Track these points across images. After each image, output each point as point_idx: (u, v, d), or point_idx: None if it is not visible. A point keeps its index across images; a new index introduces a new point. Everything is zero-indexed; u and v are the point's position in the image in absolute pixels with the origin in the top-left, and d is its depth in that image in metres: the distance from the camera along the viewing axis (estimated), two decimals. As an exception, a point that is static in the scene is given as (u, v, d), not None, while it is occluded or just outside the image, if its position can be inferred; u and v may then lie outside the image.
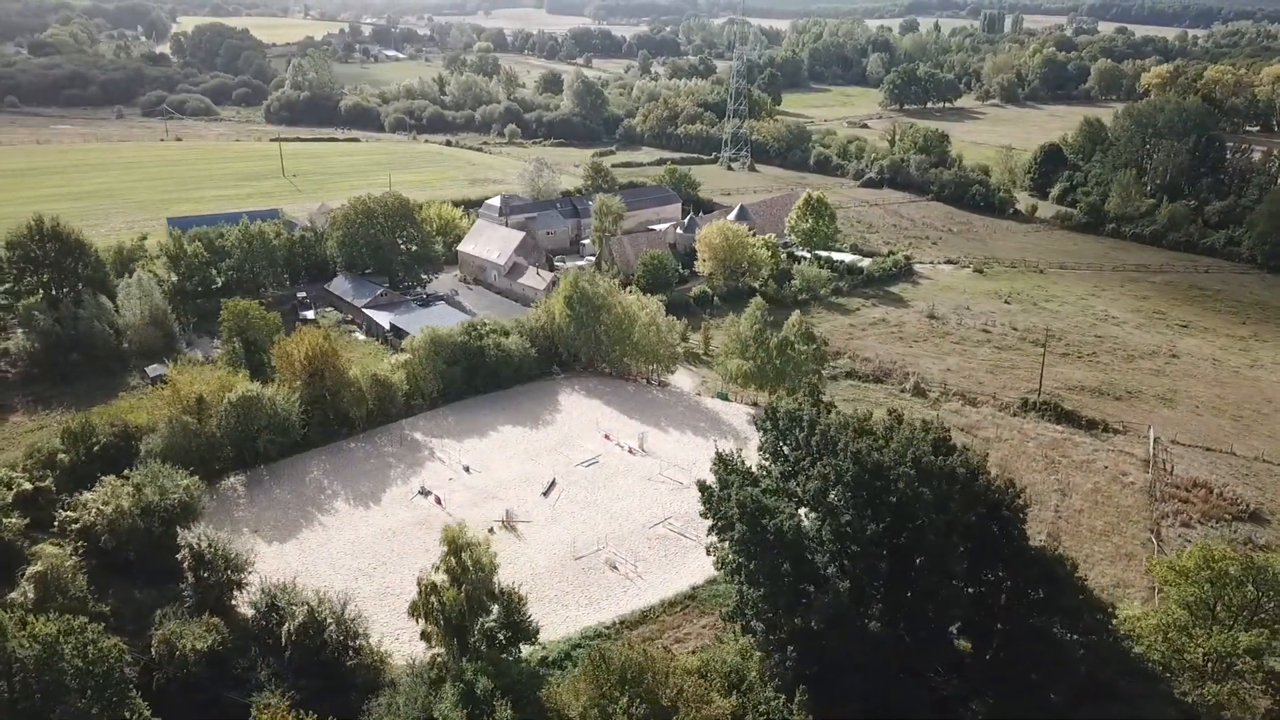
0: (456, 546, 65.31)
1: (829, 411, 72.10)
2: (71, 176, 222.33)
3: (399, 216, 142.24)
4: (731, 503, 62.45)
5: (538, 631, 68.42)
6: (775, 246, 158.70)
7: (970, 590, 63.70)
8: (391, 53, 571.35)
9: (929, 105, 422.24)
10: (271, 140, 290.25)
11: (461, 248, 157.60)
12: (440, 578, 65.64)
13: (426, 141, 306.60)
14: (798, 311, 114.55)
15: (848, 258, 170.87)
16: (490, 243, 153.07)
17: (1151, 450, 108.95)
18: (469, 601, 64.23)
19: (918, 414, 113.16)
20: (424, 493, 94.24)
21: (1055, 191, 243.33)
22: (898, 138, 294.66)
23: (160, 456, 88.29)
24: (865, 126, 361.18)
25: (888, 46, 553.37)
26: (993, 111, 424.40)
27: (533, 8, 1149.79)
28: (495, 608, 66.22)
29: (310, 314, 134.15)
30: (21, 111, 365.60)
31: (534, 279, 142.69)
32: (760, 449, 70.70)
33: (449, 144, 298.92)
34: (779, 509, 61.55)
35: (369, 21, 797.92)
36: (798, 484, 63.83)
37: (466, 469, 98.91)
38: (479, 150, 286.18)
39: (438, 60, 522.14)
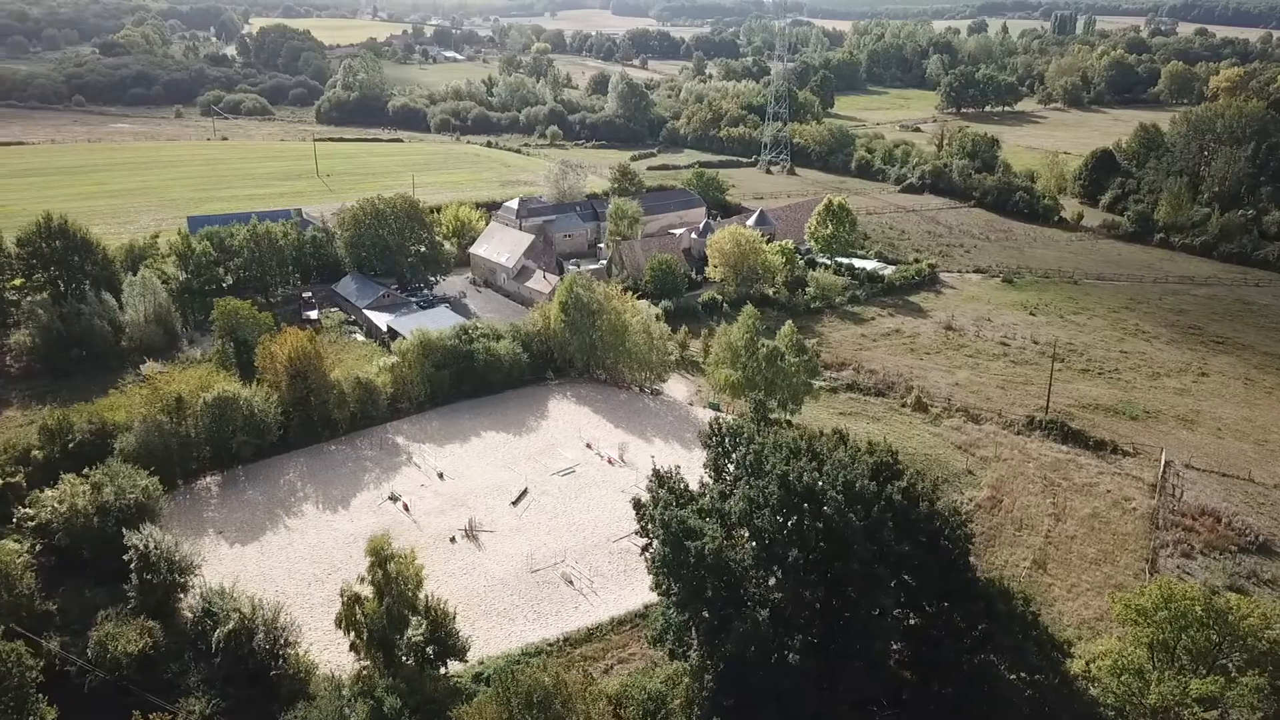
0: (381, 558, 64.13)
1: (778, 428, 69.26)
2: (115, 174, 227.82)
3: (407, 218, 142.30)
4: (657, 523, 60.19)
5: (466, 648, 66.94)
6: (791, 253, 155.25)
7: (911, 622, 60.62)
8: (451, 54, 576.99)
9: (987, 109, 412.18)
10: (315, 140, 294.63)
11: (474, 250, 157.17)
12: (365, 589, 64.59)
13: (468, 143, 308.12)
14: (790, 322, 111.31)
15: (870, 265, 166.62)
16: (501, 245, 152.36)
17: (1161, 474, 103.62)
18: (389, 615, 63.02)
19: (917, 430, 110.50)
20: (393, 498, 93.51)
21: (1106, 199, 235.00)
22: (945, 142, 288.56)
23: (133, 455, 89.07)
24: (918, 130, 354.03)
25: (949, 48, 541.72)
26: (1054, 115, 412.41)
27: (598, 9, 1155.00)
28: (420, 622, 64.83)
29: (314, 314, 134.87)
30: (87, 110, 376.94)
31: (540, 282, 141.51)
32: (705, 465, 68.34)
33: (489, 145, 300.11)
34: (703, 530, 59.05)
35: (434, 23, 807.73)
36: (731, 505, 61.31)
37: (440, 475, 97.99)
38: (517, 152, 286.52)
39: (495, 61, 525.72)
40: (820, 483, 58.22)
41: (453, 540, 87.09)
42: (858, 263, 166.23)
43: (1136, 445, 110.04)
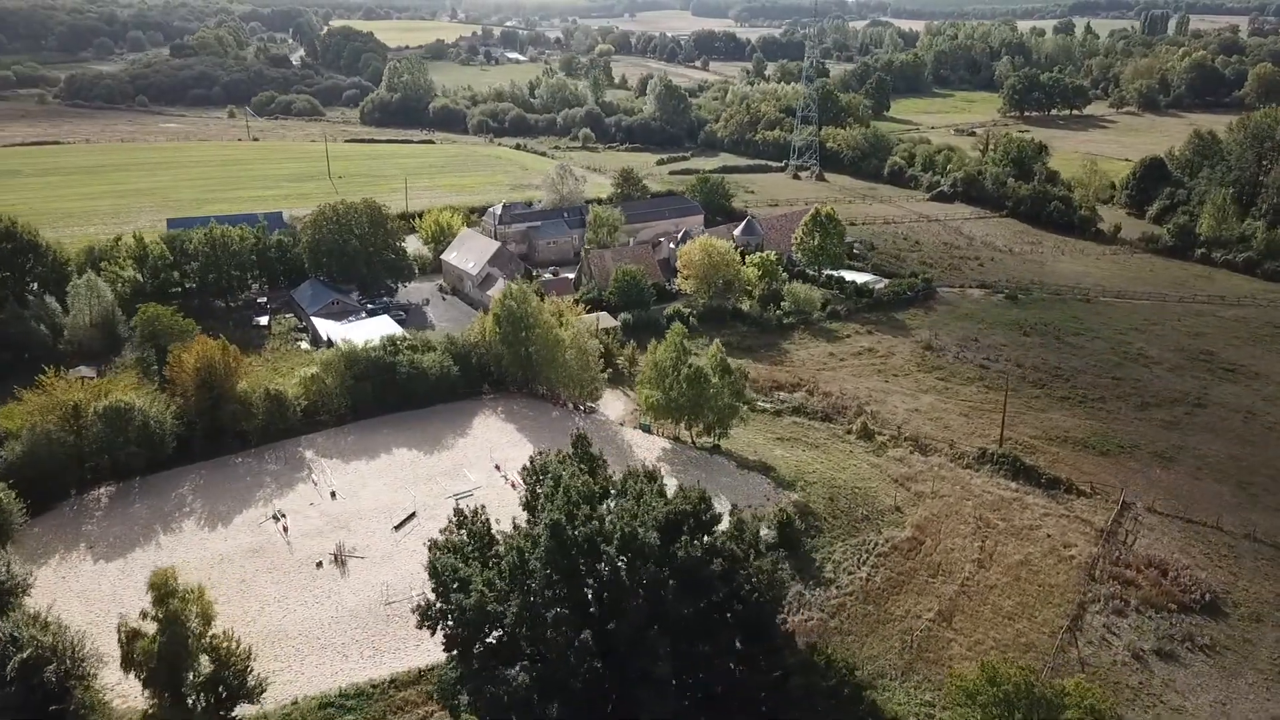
0: (162, 592, 60.66)
1: (587, 464, 63.69)
2: (132, 174, 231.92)
3: (370, 223, 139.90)
4: (428, 569, 55.43)
5: (260, 689, 63.05)
6: (772, 265, 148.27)
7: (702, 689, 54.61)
8: (514, 55, 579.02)
9: (1053, 113, 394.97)
10: (348, 140, 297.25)
11: (444, 256, 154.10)
12: (147, 625, 61.24)
13: (499, 144, 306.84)
14: (716, 341, 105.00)
15: (863, 278, 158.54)
16: (469, 252, 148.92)
17: (1114, 518, 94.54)
18: (163, 653, 59.49)
19: (855, 459, 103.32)
20: (276, 517, 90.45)
21: (1153, 210, 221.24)
22: (989, 147, 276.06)
23: (18, 465, 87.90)
24: (972, 134, 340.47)
25: (1022, 49, 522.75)
26: (1125, 120, 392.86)
27: (677, 10, 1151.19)
28: (206, 661, 61.22)
29: (264, 319, 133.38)
30: (147, 110, 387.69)
31: (498, 290, 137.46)
32: (520, 505, 63.31)
33: (518, 147, 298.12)
34: (469, 580, 54.01)
35: (509, 24, 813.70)
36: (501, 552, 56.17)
37: (333, 494, 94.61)
38: (543, 155, 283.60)
39: (555, 62, 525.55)
40: (603, 533, 52.57)
41: (319, 565, 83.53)
42: (849, 275, 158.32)
43: (1097, 484, 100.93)
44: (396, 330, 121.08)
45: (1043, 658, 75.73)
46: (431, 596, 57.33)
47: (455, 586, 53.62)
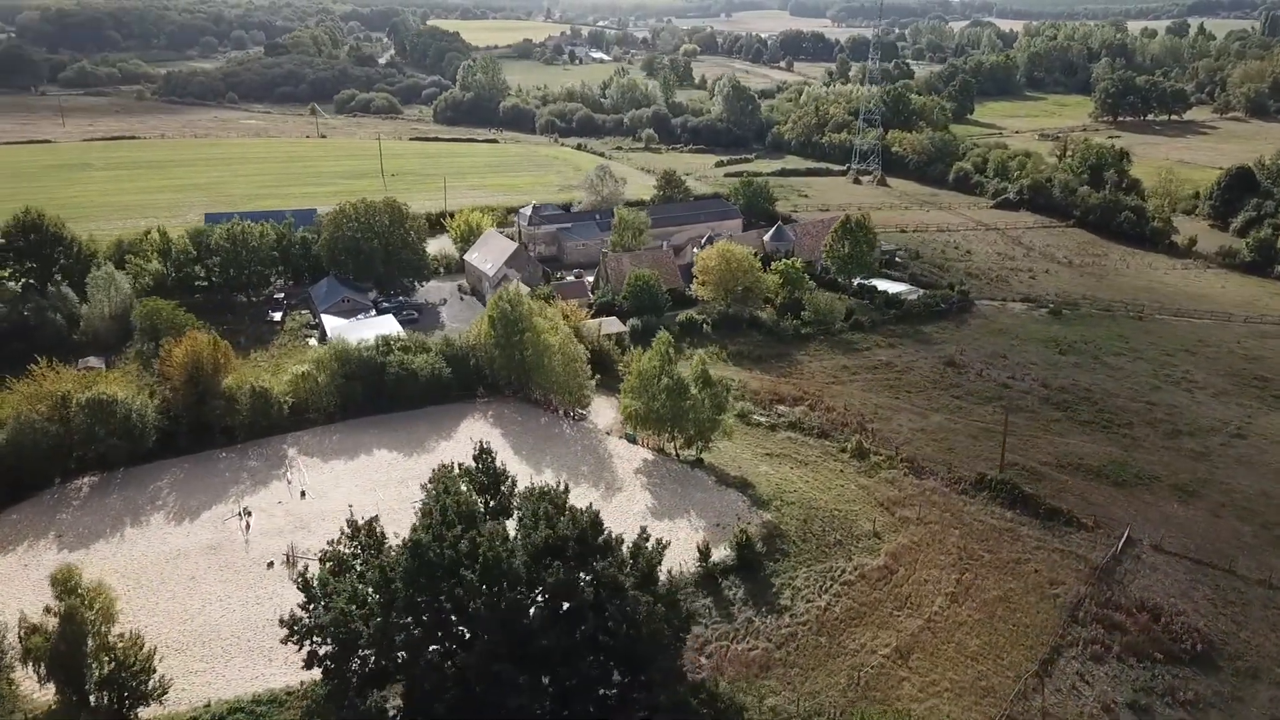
0: (62, 589, 60.79)
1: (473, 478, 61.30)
2: (193, 169, 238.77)
3: (390, 223, 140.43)
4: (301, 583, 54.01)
5: (159, 692, 62.68)
6: (798, 272, 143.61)
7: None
8: (598, 55, 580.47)
9: (1149, 117, 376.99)
10: (412, 139, 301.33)
11: (466, 256, 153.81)
12: (49, 620, 61.47)
13: (562, 145, 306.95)
14: (700, 352, 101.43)
15: (895, 288, 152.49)
16: (489, 253, 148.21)
17: (1114, 555, 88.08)
18: (59, 649, 59.54)
19: (844, 479, 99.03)
20: (242, 515, 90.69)
21: (1238, 222, 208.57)
22: (1066, 153, 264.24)
23: (3, 452, 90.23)
24: (1057, 139, 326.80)
25: (1124, 50, 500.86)
26: (1227, 126, 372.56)
27: (775, 10, 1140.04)
28: (106, 660, 61.11)
29: (278, 315, 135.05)
30: (236, 106, 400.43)
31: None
32: (416, 517, 61.35)
33: (579, 148, 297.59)
34: (337, 594, 52.37)
35: (600, 24, 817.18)
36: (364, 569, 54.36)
37: (303, 493, 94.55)
38: (600, 155, 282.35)
39: (637, 62, 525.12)
40: (472, 556, 50.38)
41: (269, 566, 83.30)
42: (881, 284, 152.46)
43: (1101, 517, 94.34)
44: (395, 330, 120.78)
45: (1000, 704, 70.76)
46: (298, 611, 55.99)
47: (324, 602, 52.07)
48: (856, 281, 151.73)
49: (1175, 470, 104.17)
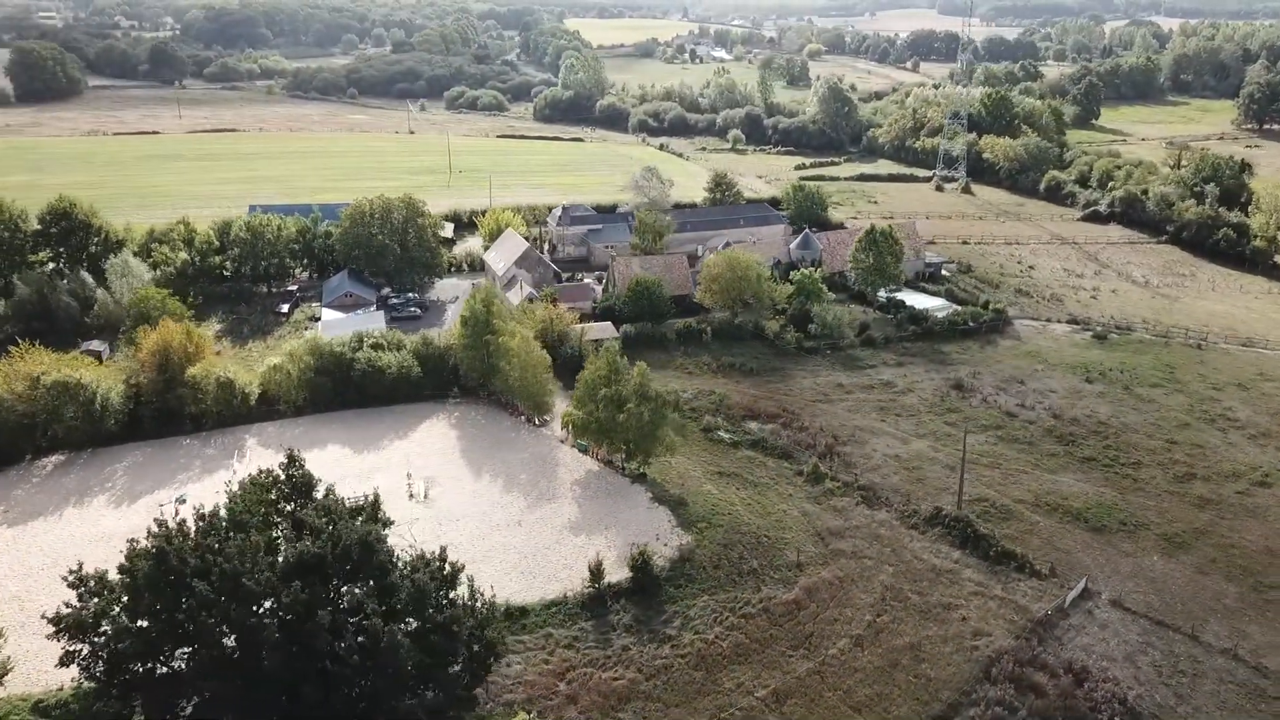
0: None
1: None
2: (275, 161, 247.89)
3: (404, 220, 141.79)
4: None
5: (3, 672, 64.18)
6: (814, 282, 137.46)
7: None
8: (719, 54, 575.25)
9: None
10: (499, 136, 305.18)
11: (485, 255, 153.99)
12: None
13: (647, 144, 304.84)
14: (641, 363, 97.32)
15: (926, 303, 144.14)
16: (503, 252, 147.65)
17: (1060, 607, 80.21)
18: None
19: (789, 504, 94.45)
20: (179, 501, 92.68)
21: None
22: (1181, 164, 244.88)
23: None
24: (1187, 148, 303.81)
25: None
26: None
27: (924, 9, 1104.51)
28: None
29: (285, 308, 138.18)
30: (353, 101, 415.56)
31: (516, 293, 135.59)
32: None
33: (661, 148, 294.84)
34: (100, 593, 52.15)
35: (736, 23, 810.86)
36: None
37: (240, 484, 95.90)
38: (680, 156, 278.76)
39: (758, 61, 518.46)
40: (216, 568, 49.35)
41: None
42: (911, 299, 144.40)
43: (1063, 565, 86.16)
44: (379, 327, 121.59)
45: (868, 764, 65.24)
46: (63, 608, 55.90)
47: (95, 601, 52.03)
48: (884, 295, 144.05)
49: (1171, 518, 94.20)
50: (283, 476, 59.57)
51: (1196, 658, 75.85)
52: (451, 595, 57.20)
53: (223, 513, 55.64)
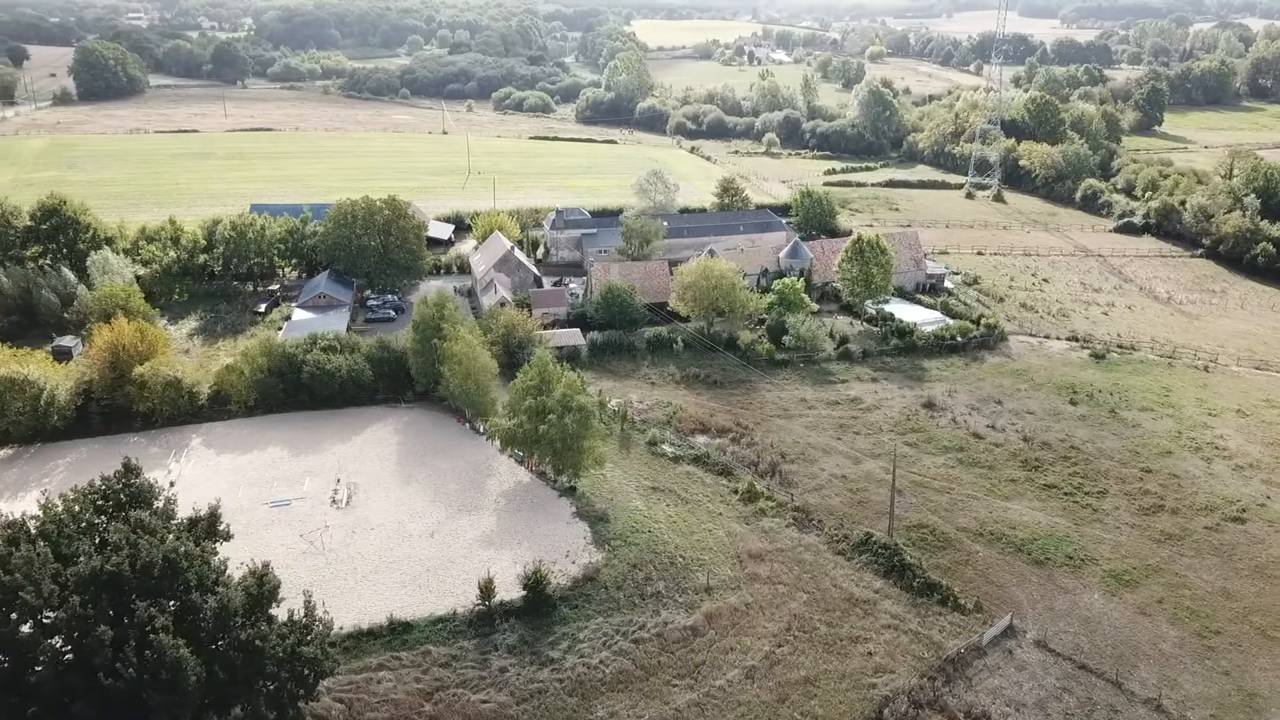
0: None
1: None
2: (301, 160, 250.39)
3: (387, 221, 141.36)
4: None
5: None
6: (796, 293, 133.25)
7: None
8: (777, 56, 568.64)
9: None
10: (532, 137, 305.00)
11: (471, 258, 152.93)
12: None
13: (680, 147, 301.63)
14: (571, 373, 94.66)
15: (915, 316, 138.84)
16: (486, 255, 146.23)
17: (974, 645, 75.61)
18: None
19: (717, 522, 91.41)
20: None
21: None
22: (1233, 173, 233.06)
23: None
24: (1247, 157, 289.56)
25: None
26: None
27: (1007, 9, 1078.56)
28: None
29: (262, 308, 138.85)
30: (404, 102, 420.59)
31: (491, 296, 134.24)
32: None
33: (693, 151, 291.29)
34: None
35: (805, 25, 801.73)
36: None
37: (171, 484, 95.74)
38: (707, 159, 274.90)
39: (816, 63, 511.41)
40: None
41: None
42: (900, 311, 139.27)
43: (991, 600, 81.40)
44: (340, 328, 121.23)
45: (728, 806, 61.95)
46: None
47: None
48: (873, 306, 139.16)
49: (1125, 553, 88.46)
50: (118, 485, 58.50)
51: (1115, 707, 70.68)
52: (272, 612, 55.74)
53: (30, 524, 54.78)
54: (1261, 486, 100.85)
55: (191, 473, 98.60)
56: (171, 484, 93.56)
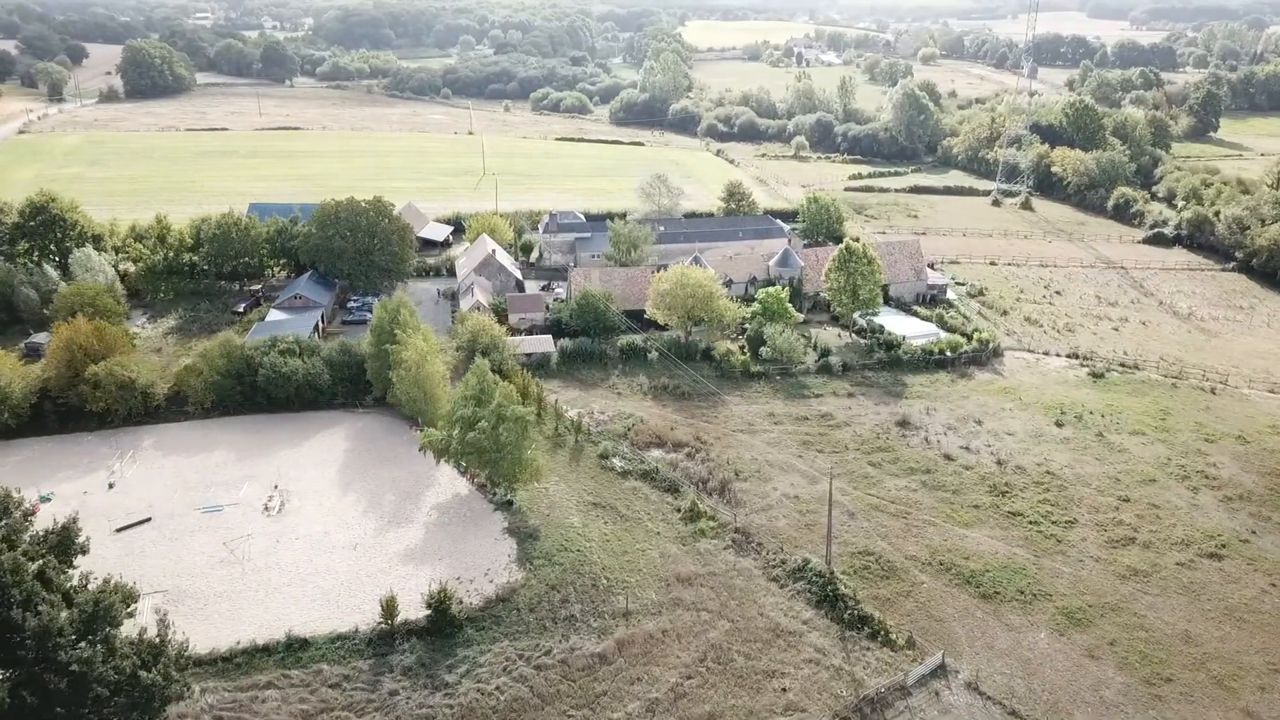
0: None
1: None
2: (320, 159, 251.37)
3: (369, 223, 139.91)
4: None
5: None
6: (780, 302, 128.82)
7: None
8: (826, 58, 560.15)
9: None
10: (558, 139, 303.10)
11: (457, 260, 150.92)
12: None
13: (707, 149, 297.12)
14: (505, 382, 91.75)
15: (905, 328, 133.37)
16: (469, 258, 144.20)
17: (897, 685, 71.09)
18: None
19: (655, 543, 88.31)
20: (40, 499, 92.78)
21: None
22: (1276, 182, 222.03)
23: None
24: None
25: None
26: None
27: (1073, 11, 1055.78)
28: None
29: (241, 308, 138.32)
30: (445, 101, 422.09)
31: (468, 300, 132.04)
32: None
33: (718, 154, 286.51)
34: None
35: (861, 27, 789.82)
36: None
37: (111, 485, 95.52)
38: (730, 162, 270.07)
39: (863, 65, 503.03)
40: None
41: None
42: (890, 324, 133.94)
43: (925, 635, 76.71)
44: (305, 331, 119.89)
45: None
46: None
47: None
48: (863, 318, 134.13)
49: (1083, 589, 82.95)
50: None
51: (1041, 760, 65.72)
52: (109, 633, 53.80)
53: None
54: (1248, 520, 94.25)
55: (133, 475, 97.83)
56: (111, 485, 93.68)
